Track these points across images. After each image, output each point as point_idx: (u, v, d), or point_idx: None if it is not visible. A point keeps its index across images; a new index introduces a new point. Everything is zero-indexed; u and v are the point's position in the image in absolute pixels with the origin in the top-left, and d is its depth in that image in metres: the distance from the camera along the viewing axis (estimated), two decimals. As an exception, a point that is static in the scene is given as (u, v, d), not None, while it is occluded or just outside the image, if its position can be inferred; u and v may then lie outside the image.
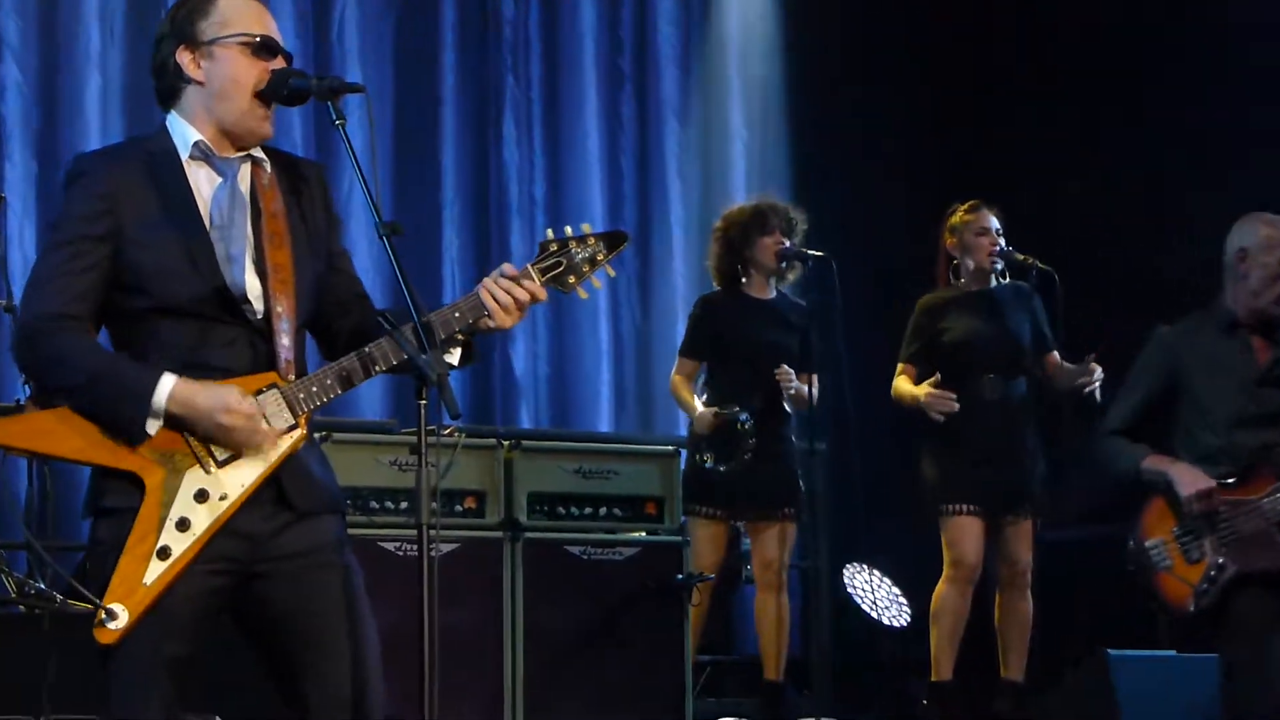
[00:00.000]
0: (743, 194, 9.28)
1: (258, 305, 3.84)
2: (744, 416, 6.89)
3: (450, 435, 5.40)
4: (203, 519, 3.74)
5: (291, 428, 3.82)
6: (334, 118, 3.88)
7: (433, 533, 3.73)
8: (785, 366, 7.00)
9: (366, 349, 3.85)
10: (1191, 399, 5.54)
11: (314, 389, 3.84)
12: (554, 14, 9.34)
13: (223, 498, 3.76)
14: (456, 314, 3.87)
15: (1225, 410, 5.49)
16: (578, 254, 3.98)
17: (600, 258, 4.00)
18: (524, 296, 3.88)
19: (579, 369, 9.18)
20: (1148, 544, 5.49)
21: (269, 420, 3.80)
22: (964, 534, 7.05)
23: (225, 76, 3.88)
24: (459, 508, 6.10)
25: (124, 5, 8.16)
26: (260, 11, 3.94)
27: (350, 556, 3.90)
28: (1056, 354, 7.22)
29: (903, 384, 7.14)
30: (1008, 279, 7.24)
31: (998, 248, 7.17)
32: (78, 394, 3.76)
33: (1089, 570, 7.64)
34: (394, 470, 5.98)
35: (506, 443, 6.29)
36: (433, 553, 3.71)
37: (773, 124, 9.85)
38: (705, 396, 7.15)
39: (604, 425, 9.09)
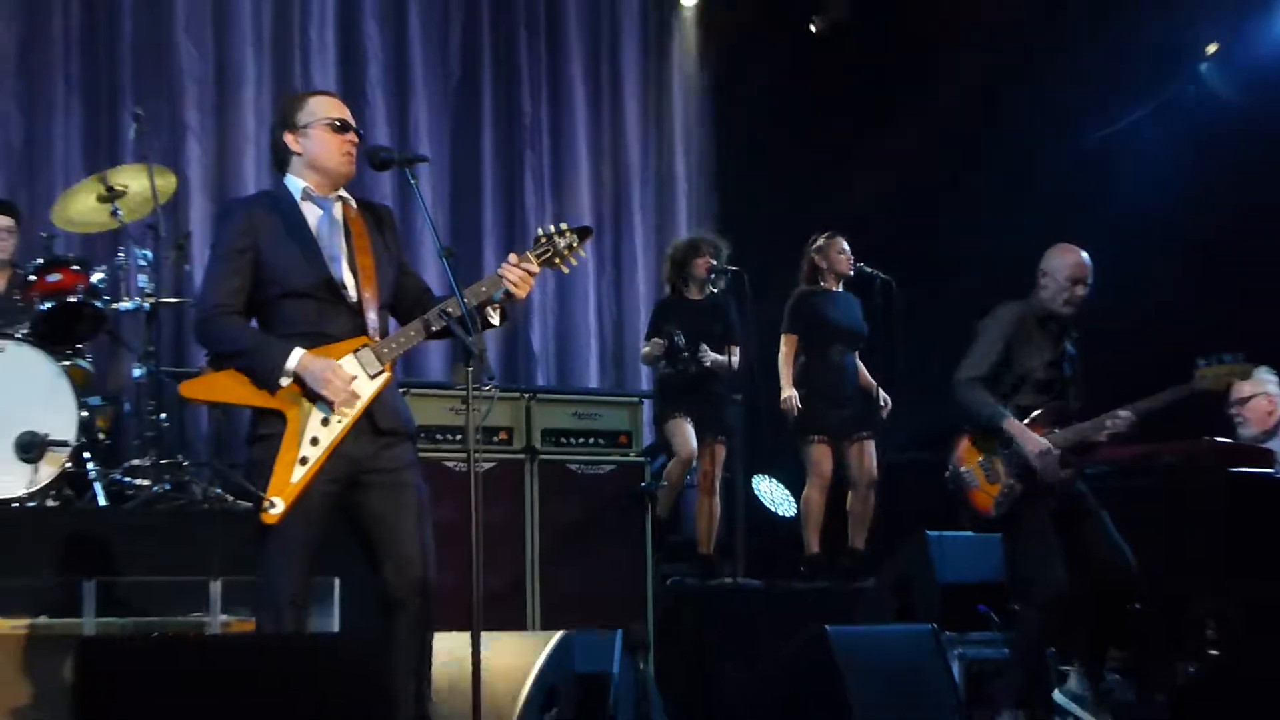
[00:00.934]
0: (685, 228, 9.36)
1: (352, 292, 3.91)
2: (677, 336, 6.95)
3: (488, 390, 5.41)
4: (327, 436, 3.81)
5: (379, 372, 3.88)
6: (410, 178, 3.98)
7: (478, 456, 3.79)
8: (704, 346, 7.02)
9: (425, 316, 3.94)
10: (1009, 360, 5.44)
11: (393, 345, 3.92)
12: (559, 108, 9.34)
13: (339, 421, 3.82)
14: (484, 288, 3.99)
15: (1026, 374, 5.42)
16: (560, 242, 4.08)
17: (575, 244, 4.09)
18: (524, 274, 3.99)
19: (575, 344, 9.19)
20: (962, 470, 5.45)
21: (364, 367, 3.85)
22: (820, 455, 7.12)
23: (316, 148, 3.96)
24: (495, 439, 6.10)
25: (270, 100, 8.13)
26: (338, 103, 4.03)
27: (420, 478, 3.94)
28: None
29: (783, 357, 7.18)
30: (844, 288, 7.29)
31: (852, 261, 7.24)
32: (237, 360, 3.83)
33: (916, 480, 7.64)
34: (451, 413, 5.98)
35: (527, 394, 6.29)
36: (478, 469, 3.78)
37: (707, 177, 9.86)
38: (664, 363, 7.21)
39: (592, 382, 9.09)
